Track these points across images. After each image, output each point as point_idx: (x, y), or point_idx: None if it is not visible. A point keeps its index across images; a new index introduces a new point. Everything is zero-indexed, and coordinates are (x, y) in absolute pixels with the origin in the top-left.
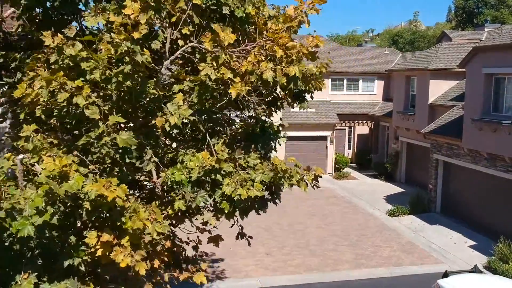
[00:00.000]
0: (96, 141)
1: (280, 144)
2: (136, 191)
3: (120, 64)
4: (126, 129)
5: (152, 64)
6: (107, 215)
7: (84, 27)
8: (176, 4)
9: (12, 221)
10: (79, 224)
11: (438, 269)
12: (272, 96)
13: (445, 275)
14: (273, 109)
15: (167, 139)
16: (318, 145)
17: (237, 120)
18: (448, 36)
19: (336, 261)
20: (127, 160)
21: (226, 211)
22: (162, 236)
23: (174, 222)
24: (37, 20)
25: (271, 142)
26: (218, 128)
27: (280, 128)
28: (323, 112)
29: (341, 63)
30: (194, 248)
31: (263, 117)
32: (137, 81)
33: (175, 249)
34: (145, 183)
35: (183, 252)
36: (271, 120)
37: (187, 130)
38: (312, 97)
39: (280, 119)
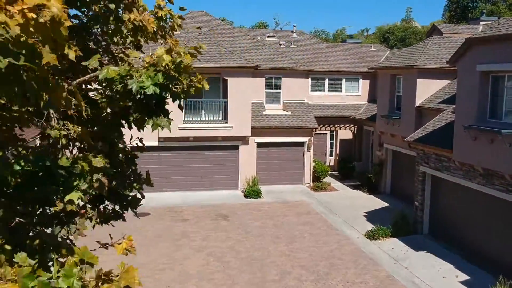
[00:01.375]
0: None
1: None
2: None
3: None
4: None
5: None
6: None
7: None
8: None
9: None
10: None
11: None
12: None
13: None
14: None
15: None
16: (294, 152)
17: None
18: (439, 30)
19: None
20: None
21: None
22: None
23: None
24: None
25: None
26: None
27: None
28: (300, 115)
29: (323, 60)
30: None
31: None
32: None
33: None
34: None
35: None
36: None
37: None
38: (181, 106)
39: (139, 140)
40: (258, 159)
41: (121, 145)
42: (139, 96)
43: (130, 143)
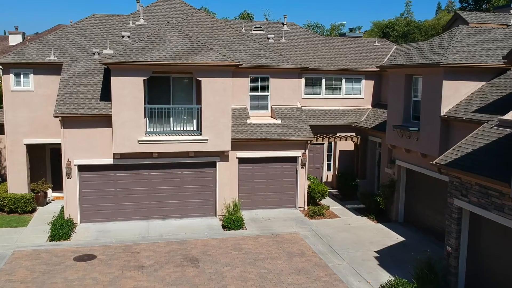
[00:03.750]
0: None
1: None
2: None
3: None
4: None
5: None
6: None
7: None
8: None
9: None
10: None
11: None
12: None
13: None
14: None
15: None
16: (285, 169)
17: None
18: (464, 19)
19: None
20: None
21: None
22: None
23: None
24: None
25: None
26: None
27: None
28: (293, 123)
29: (319, 57)
30: None
31: None
32: None
33: None
34: None
35: None
36: None
37: None
38: None
39: None
40: (240, 178)
41: None
42: None
43: None
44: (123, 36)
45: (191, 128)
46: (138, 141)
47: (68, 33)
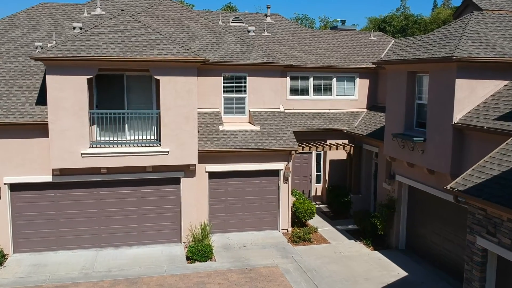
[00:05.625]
0: None
1: None
2: None
3: None
4: None
5: None
6: None
7: None
8: None
9: None
10: None
11: None
12: None
13: None
14: None
15: None
16: (265, 184)
17: None
18: (476, 5)
19: None
20: None
21: None
22: None
23: None
24: None
25: None
26: None
27: None
28: (274, 130)
29: (306, 53)
30: None
31: None
32: None
33: None
34: None
35: None
36: None
37: None
38: None
39: None
40: (211, 196)
41: None
42: None
43: None
44: (74, 28)
45: (152, 137)
46: (81, 154)
47: (8, 24)
